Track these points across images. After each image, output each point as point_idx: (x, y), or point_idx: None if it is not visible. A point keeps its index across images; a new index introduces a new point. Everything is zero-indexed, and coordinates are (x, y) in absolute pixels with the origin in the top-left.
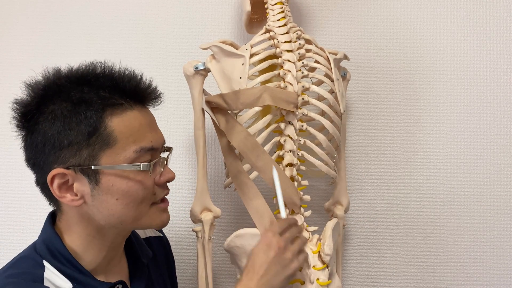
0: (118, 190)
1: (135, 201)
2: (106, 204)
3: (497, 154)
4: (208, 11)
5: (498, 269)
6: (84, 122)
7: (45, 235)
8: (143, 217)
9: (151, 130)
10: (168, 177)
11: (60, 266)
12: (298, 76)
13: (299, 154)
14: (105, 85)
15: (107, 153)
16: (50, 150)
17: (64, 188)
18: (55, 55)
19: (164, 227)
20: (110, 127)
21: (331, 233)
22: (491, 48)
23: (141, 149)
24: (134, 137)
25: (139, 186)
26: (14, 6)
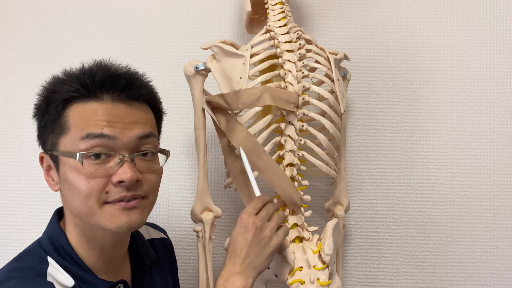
0: (68, 180)
1: (81, 194)
2: (66, 193)
3: (497, 154)
4: (208, 11)
5: (498, 269)
6: (50, 111)
7: (50, 231)
8: (95, 215)
9: (110, 121)
10: (120, 177)
11: (63, 263)
12: (298, 76)
13: (299, 154)
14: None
15: (62, 141)
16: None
17: (49, 171)
18: (55, 55)
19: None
20: (67, 116)
21: (331, 233)
22: (491, 48)
23: (87, 135)
24: (84, 124)
25: (82, 179)
26: (14, 6)
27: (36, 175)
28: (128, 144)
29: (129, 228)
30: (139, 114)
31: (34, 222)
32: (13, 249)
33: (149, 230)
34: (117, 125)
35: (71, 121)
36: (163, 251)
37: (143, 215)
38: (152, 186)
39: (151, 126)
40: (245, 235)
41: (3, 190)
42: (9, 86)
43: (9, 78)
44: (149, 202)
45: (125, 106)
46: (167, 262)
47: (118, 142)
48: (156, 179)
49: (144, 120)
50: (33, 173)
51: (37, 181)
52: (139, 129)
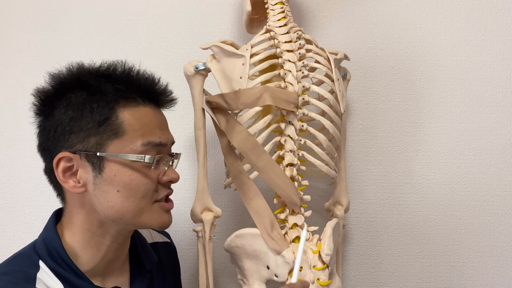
0: (120, 181)
1: (136, 195)
2: (106, 195)
3: (497, 154)
4: (208, 11)
5: (498, 269)
6: (96, 110)
7: (45, 234)
8: (143, 214)
9: (161, 128)
10: (171, 177)
11: (55, 267)
12: (298, 76)
13: (299, 154)
14: (122, 80)
15: (114, 143)
16: (60, 134)
17: (68, 173)
18: (55, 55)
19: (165, 228)
20: (121, 118)
21: (331, 233)
22: (491, 48)
23: (148, 143)
24: (143, 131)
25: (141, 180)
26: (14, 6)
27: (36, 175)
28: (169, 148)
29: (168, 226)
30: (165, 118)
31: (34, 222)
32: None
33: (152, 234)
34: (165, 131)
35: (126, 125)
36: (166, 256)
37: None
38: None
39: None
40: None
41: (3, 190)
42: (9, 86)
43: (9, 78)
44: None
45: (160, 112)
46: (170, 267)
47: (166, 148)
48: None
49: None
50: (33, 173)
51: (37, 181)
52: (171, 135)
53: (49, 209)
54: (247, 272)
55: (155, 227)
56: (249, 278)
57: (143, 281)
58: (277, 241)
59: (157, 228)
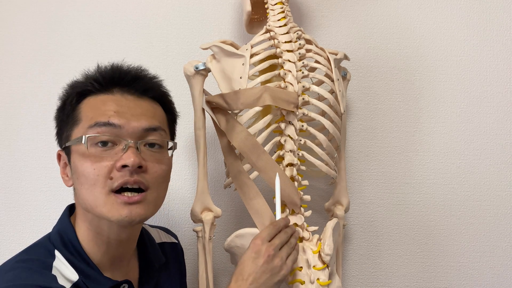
0: (77, 170)
1: (87, 182)
2: (76, 185)
3: (497, 154)
4: (208, 11)
5: (498, 269)
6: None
7: (60, 225)
8: (99, 205)
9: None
10: (124, 162)
11: (70, 257)
12: (298, 76)
13: (299, 154)
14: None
15: (74, 132)
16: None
17: (65, 169)
18: (55, 55)
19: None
20: (80, 109)
21: (331, 233)
22: (491, 48)
23: (95, 123)
24: (93, 114)
25: (89, 165)
26: (14, 6)
27: (36, 175)
28: (134, 133)
29: (130, 222)
30: (146, 107)
31: (34, 222)
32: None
33: (160, 234)
34: (125, 115)
35: (82, 113)
36: (173, 256)
37: (146, 211)
38: (157, 178)
39: (159, 121)
40: (255, 261)
41: (3, 190)
42: (9, 86)
43: (9, 78)
44: (153, 197)
45: (134, 98)
46: (177, 268)
47: (124, 131)
48: (161, 171)
49: (152, 114)
50: (33, 173)
51: (37, 181)
52: (146, 121)
53: (49, 209)
54: None
55: (114, 221)
56: None
57: (151, 280)
58: None
59: (116, 222)
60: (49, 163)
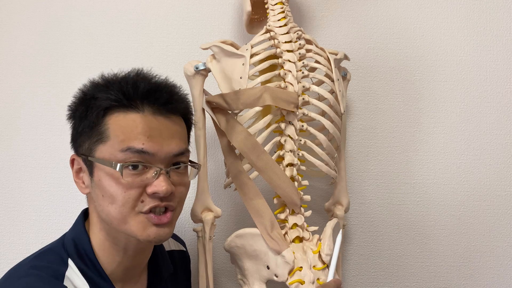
0: (104, 187)
1: (116, 202)
2: (97, 198)
3: (497, 154)
4: (208, 11)
5: (498, 269)
6: (89, 117)
7: (74, 232)
8: (127, 223)
9: (150, 135)
10: (155, 189)
11: (83, 267)
12: (298, 76)
13: (299, 154)
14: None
15: (100, 148)
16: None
17: (79, 174)
18: (55, 55)
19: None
20: (107, 125)
21: (331, 233)
22: (491, 48)
23: (128, 148)
24: (124, 136)
25: (118, 188)
26: (14, 6)
27: (36, 175)
28: (165, 159)
29: (157, 242)
30: (176, 128)
31: (34, 222)
32: (13, 250)
33: (169, 242)
34: (157, 140)
35: (111, 130)
36: (181, 265)
37: (171, 229)
38: (181, 198)
39: (185, 142)
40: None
41: (3, 190)
42: (9, 86)
43: (9, 78)
44: (177, 215)
45: (164, 119)
46: (184, 277)
47: (156, 158)
48: (185, 191)
49: (180, 135)
50: (33, 173)
51: (37, 181)
52: (176, 146)
53: (49, 209)
54: (247, 272)
55: (141, 240)
56: (249, 278)
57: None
58: (277, 241)
59: (144, 241)
60: (49, 163)
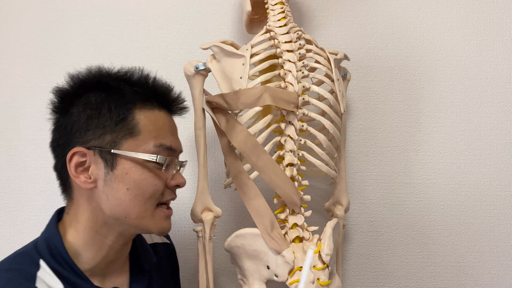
0: (131, 180)
1: (143, 195)
2: (115, 192)
3: (497, 154)
4: (208, 11)
5: (498, 269)
6: (114, 110)
7: (47, 233)
8: (146, 217)
9: (172, 134)
10: (179, 181)
11: (56, 266)
12: (298, 76)
13: (299, 154)
14: (141, 84)
15: (128, 142)
16: (76, 130)
17: (80, 168)
18: (55, 55)
19: (163, 234)
20: (137, 119)
21: (331, 233)
22: (491, 48)
23: (160, 145)
24: (156, 133)
25: (151, 180)
26: (14, 6)
27: (36, 175)
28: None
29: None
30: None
31: (34, 222)
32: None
33: (152, 235)
34: (175, 137)
35: (142, 125)
36: (165, 257)
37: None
38: None
39: None
40: None
41: (3, 190)
42: (9, 86)
43: (9, 78)
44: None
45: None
46: (169, 268)
47: (176, 154)
48: None
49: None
50: (33, 173)
51: (37, 181)
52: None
53: (49, 209)
54: (247, 272)
55: (155, 232)
56: (249, 278)
57: (142, 281)
58: (277, 241)
59: (156, 233)
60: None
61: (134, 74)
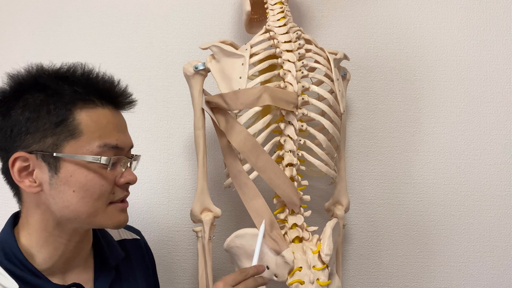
0: (76, 182)
1: (91, 196)
2: (62, 195)
3: (497, 154)
4: (208, 11)
5: (498, 269)
6: (53, 112)
7: (1, 236)
8: (98, 215)
9: (118, 131)
10: (128, 178)
11: (11, 267)
12: (298, 76)
13: (299, 154)
14: (80, 82)
15: (71, 144)
16: (16, 135)
17: (24, 173)
18: (55, 55)
19: (120, 227)
20: (78, 120)
21: (331, 233)
22: (491, 48)
23: (105, 144)
24: (99, 132)
25: (97, 181)
26: (14, 6)
27: None
28: (127, 152)
29: (123, 226)
30: (124, 120)
31: None
32: None
33: (120, 231)
34: (124, 134)
35: (83, 126)
36: (135, 252)
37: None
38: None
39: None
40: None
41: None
42: None
43: None
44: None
45: (119, 114)
46: (140, 263)
47: (124, 151)
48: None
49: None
50: None
51: None
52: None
53: None
54: None
55: (111, 227)
56: None
57: (107, 277)
58: (276, 241)
59: (112, 228)
60: None
61: (76, 71)
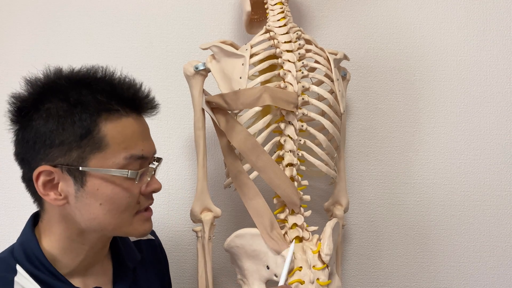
0: (103, 195)
1: (118, 208)
2: (88, 208)
3: (497, 154)
4: (208, 11)
5: (498, 269)
6: (78, 123)
7: (23, 238)
8: (124, 226)
9: (143, 139)
10: (154, 187)
11: (33, 270)
12: (298, 76)
13: (299, 154)
14: (104, 90)
15: (96, 157)
16: (40, 147)
17: (49, 186)
18: (55, 55)
19: (145, 236)
20: (103, 132)
21: (331, 233)
22: (491, 48)
23: (131, 156)
24: (125, 144)
25: (124, 194)
26: (14, 6)
27: None
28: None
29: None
30: (148, 127)
31: None
32: None
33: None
34: (148, 142)
35: (109, 138)
36: (149, 253)
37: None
38: None
39: None
40: None
41: (3, 190)
42: (9, 86)
43: (9, 79)
44: None
45: (143, 120)
46: (154, 263)
47: (149, 159)
48: None
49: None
50: None
51: None
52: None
53: None
54: (247, 272)
55: (136, 236)
56: (249, 278)
57: (125, 279)
58: (276, 241)
59: (137, 237)
60: None
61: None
